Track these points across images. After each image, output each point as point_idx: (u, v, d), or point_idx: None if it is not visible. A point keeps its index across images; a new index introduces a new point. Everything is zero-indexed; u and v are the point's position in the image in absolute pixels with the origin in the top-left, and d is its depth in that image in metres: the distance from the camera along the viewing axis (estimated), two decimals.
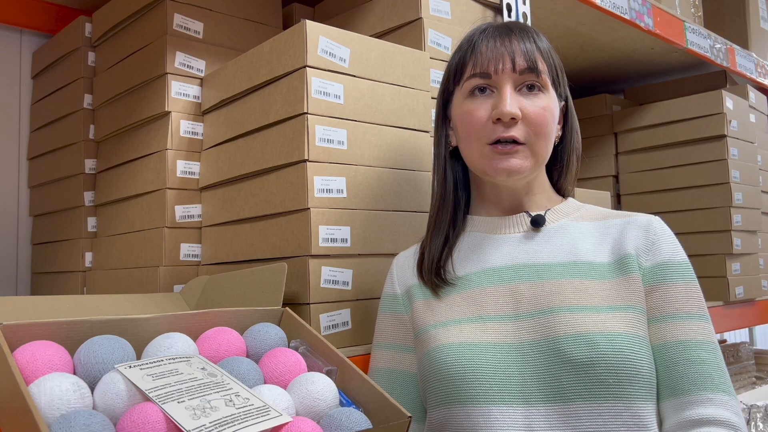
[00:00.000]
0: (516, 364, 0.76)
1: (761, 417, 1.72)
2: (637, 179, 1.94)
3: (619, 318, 0.76)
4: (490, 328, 0.79)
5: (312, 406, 0.69)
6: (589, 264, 0.80)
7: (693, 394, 0.74)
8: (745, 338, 3.18)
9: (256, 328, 0.79)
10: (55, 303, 0.89)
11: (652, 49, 1.82)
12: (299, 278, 0.94)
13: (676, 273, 0.79)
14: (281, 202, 1.00)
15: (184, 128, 1.21)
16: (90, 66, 1.44)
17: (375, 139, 1.02)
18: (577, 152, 0.90)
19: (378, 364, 0.90)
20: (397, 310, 0.90)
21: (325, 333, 0.94)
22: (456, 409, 0.77)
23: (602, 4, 1.47)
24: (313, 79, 0.95)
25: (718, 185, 1.77)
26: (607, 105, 2.03)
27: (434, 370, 0.80)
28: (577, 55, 1.86)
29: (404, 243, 1.02)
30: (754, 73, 2.07)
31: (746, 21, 2.15)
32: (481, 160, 0.84)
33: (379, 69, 1.04)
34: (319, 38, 0.97)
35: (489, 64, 0.82)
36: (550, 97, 0.83)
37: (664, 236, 0.81)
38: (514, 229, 0.87)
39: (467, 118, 0.84)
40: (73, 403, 0.59)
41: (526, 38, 0.83)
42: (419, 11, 1.15)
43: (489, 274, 0.84)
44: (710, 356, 0.75)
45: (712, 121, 1.78)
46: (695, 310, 0.77)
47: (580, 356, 0.73)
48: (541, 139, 0.82)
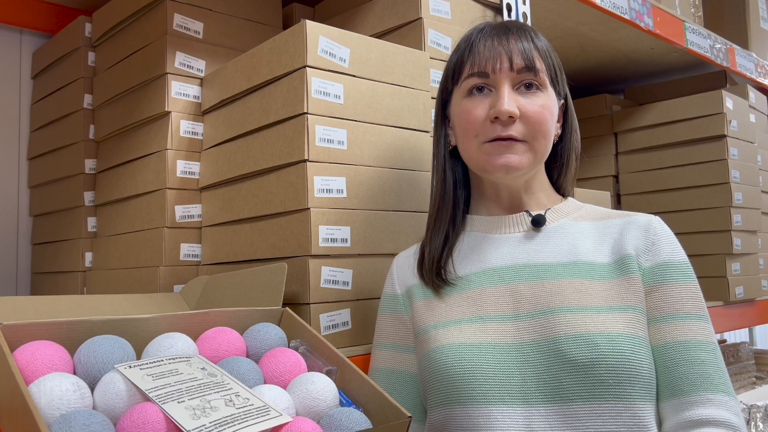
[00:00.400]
0: (516, 364, 0.76)
1: (761, 417, 1.72)
2: (637, 179, 1.94)
3: (620, 318, 0.76)
4: (490, 328, 0.79)
5: (312, 406, 0.69)
6: (589, 264, 0.80)
7: (692, 395, 0.74)
8: (745, 338, 3.18)
9: (256, 328, 0.79)
10: (55, 303, 0.89)
11: (652, 49, 1.82)
12: (299, 278, 0.94)
13: (675, 273, 0.79)
14: (281, 202, 1.00)
15: (184, 128, 1.21)
16: (90, 66, 1.44)
17: (375, 139, 1.02)
18: (576, 151, 0.90)
19: (378, 365, 0.90)
20: (398, 310, 0.90)
21: (325, 333, 0.94)
22: (456, 410, 0.77)
23: (602, 4, 1.47)
24: (313, 79, 0.95)
25: (718, 185, 1.77)
26: (607, 105, 2.02)
27: (434, 370, 0.80)
28: (577, 55, 1.86)
29: (404, 243, 1.02)
30: (754, 73, 2.07)
31: (746, 21, 2.15)
32: (479, 157, 0.84)
33: (379, 69, 1.04)
34: (319, 38, 0.97)
35: (487, 64, 0.82)
36: (548, 96, 0.83)
37: (664, 236, 0.81)
38: (514, 228, 0.87)
39: (465, 117, 0.84)
40: (73, 403, 0.59)
41: (524, 37, 0.83)
42: (419, 11, 1.15)
43: (489, 274, 0.84)
44: (710, 357, 0.75)
45: (712, 121, 1.78)
46: (695, 311, 0.77)
47: (580, 357, 0.73)
48: (540, 137, 0.82)
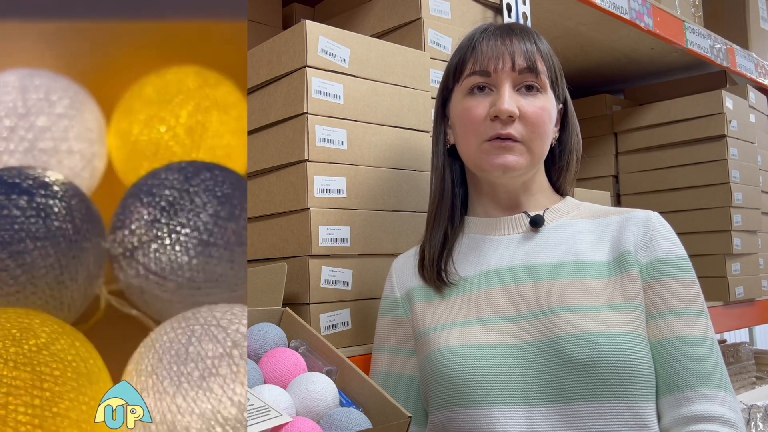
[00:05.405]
0: (517, 365, 0.76)
1: (761, 417, 1.72)
2: (637, 179, 1.94)
3: (620, 317, 0.76)
4: (491, 330, 0.79)
5: (312, 406, 0.69)
6: (588, 263, 0.80)
7: (689, 391, 0.74)
8: (745, 338, 3.17)
9: (256, 328, 0.79)
10: None
11: (652, 49, 1.82)
12: (299, 278, 0.94)
13: (673, 269, 0.79)
14: (281, 202, 1.00)
15: None
16: None
17: (375, 139, 1.02)
18: (577, 153, 0.91)
19: (378, 368, 0.90)
20: (397, 313, 0.90)
21: (325, 333, 0.94)
22: (458, 412, 0.77)
23: (602, 4, 1.47)
24: (313, 79, 0.95)
25: (718, 185, 1.76)
26: (607, 105, 2.02)
27: (435, 373, 0.80)
28: (577, 55, 1.86)
29: (404, 243, 1.02)
30: (754, 73, 2.07)
31: (746, 21, 2.15)
32: (477, 156, 0.84)
33: (379, 69, 1.04)
34: (319, 38, 0.97)
35: (489, 63, 0.82)
36: (548, 99, 0.84)
37: (662, 232, 0.81)
38: (512, 229, 0.87)
39: (465, 115, 0.84)
40: None
41: (527, 39, 0.84)
42: (419, 11, 1.15)
43: (489, 276, 0.84)
44: (707, 352, 0.75)
45: (712, 121, 1.78)
46: (692, 306, 0.77)
47: (581, 356, 0.73)
48: (538, 139, 0.82)
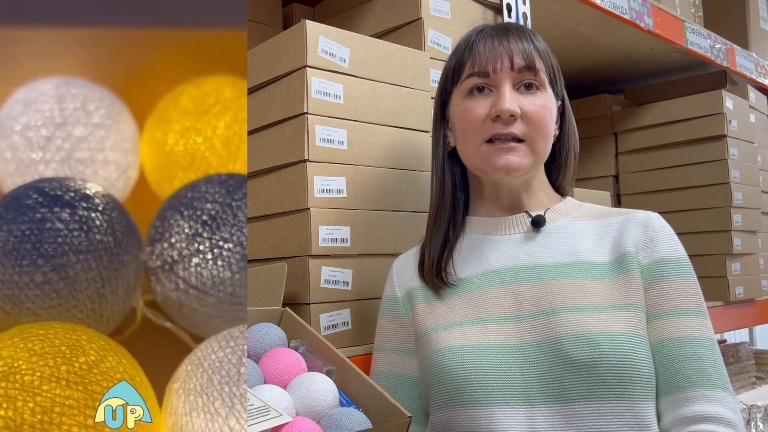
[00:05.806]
0: (518, 365, 0.76)
1: (761, 417, 1.72)
2: (637, 179, 1.94)
3: (621, 317, 0.76)
4: (492, 330, 0.79)
5: (312, 406, 0.68)
6: (589, 264, 0.80)
7: (688, 391, 0.74)
8: (745, 338, 3.17)
9: (256, 328, 0.79)
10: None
11: (652, 49, 1.82)
12: (299, 278, 0.94)
13: (673, 270, 0.79)
14: (281, 202, 1.00)
15: None
16: None
17: (375, 139, 1.02)
18: (575, 150, 0.91)
19: (378, 368, 0.90)
20: (398, 313, 0.90)
21: (325, 333, 0.94)
22: (458, 412, 0.77)
23: (602, 4, 1.47)
24: (313, 79, 0.95)
25: (718, 185, 1.76)
26: (607, 105, 2.02)
27: (436, 373, 0.80)
28: (577, 55, 1.85)
29: (404, 243, 1.02)
30: (754, 73, 2.07)
31: (746, 21, 2.15)
32: (479, 158, 0.84)
33: (379, 69, 1.04)
34: (319, 38, 0.97)
35: (487, 63, 0.82)
36: (547, 96, 0.84)
37: (662, 233, 0.81)
38: (514, 229, 0.87)
39: (466, 117, 0.84)
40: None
41: (524, 38, 0.84)
42: (419, 11, 1.15)
43: (490, 275, 0.84)
44: (707, 353, 0.75)
45: (712, 121, 1.78)
46: (692, 307, 0.77)
47: (582, 357, 0.73)
48: (540, 137, 0.82)
